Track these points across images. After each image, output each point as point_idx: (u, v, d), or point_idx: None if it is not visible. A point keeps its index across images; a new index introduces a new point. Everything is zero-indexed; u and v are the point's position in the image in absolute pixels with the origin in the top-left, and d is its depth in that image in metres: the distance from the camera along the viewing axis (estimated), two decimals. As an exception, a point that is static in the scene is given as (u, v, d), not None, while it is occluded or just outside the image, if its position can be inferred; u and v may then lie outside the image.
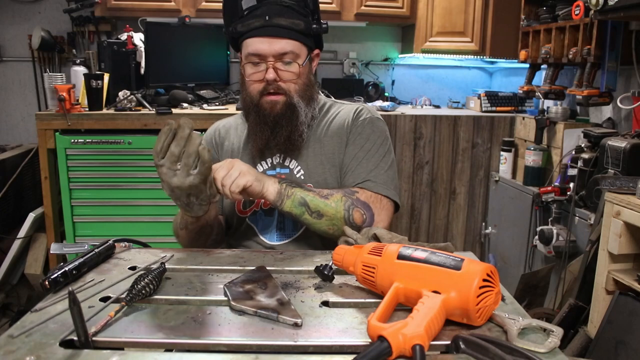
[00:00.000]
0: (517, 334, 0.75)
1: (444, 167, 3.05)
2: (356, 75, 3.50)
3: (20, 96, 3.29)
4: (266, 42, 1.22)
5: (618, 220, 1.74)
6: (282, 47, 1.22)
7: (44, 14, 3.22)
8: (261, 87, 1.25)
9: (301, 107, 1.26)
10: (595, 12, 2.01)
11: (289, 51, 1.23)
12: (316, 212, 1.18)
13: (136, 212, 2.61)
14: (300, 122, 1.26)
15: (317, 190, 1.21)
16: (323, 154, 1.31)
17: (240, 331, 0.77)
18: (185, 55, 3.00)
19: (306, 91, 1.28)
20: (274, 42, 1.22)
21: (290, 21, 1.22)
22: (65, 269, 0.92)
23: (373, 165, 1.27)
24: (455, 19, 3.13)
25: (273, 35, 1.22)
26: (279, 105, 1.25)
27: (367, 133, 1.30)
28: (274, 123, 1.25)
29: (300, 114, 1.26)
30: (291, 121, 1.25)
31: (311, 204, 1.17)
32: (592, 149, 2.24)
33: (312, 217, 1.18)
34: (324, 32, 1.30)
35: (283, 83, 1.24)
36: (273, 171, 1.32)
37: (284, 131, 1.25)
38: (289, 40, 1.23)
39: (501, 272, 2.71)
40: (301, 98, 1.26)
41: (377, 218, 1.22)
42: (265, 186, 1.16)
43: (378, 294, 0.87)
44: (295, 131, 1.26)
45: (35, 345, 0.72)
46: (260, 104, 1.26)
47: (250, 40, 1.24)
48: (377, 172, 1.27)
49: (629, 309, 1.72)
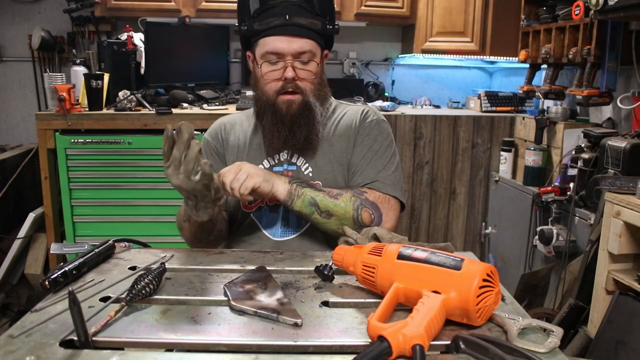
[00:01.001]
0: (517, 334, 0.75)
1: (444, 167, 3.05)
2: (356, 75, 3.50)
3: (20, 96, 3.29)
4: (285, 41, 1.22)
5: (618, 220, 1.74)
6: (301, 46, 1.23)
7: (44, 14, 3.22)
8: (278, 86, 1.25)
9: (317, 107, 1.27)
10: (595, 12, 2.01)
11: (307, 50, 1.24)
12: (326, 212, 1.20)
13: (136, 212, 2.61)
14: (317, 121, 1.28)
15: (327, 190, 1.22)
16: (332, 153, 1.31)
17: (240, 331, 0.77)
18: (185, 55, 3.00)
19: (320, 91, 1.29)
20: (293, 41, 1.22)
21: (309, 21, 1.24)
22: (65, 269, 0.92)
23: (381, 166, 1.29)
24: (455, 19, 3.13)
25: (293, 34, 1.22)
26: (295, 104, 1.25)
27: (374, 134, 1.32)
28: (292, 123, 1.26)
29: (316, 113, 1.27)
30: (308, 120, 1.26)
31: (321, 204, 1.19)
32: (592, 149, 2.24)
33: (322, 217, 1.20)
34: (336, 33, 1.32)
35: (300, 82, 1.25)
36: (280, 167, 1.32)
37: (303, 131, 1.26)
38: (307, 40, 1.24)
39: (501, 272, 2.71)
40: (316, 98, 1.27)
41: (384, 218, 1.24)
42: (275, 186, 1.18)
43: (378, 294, 0.87)
44: (313, 131, 1.27)
45: (35, 345, 0.72)
46: (276, 103, 1.26)
47: (269, 38, 1.24)
48: (384, 172, 1.28)
49: (629, 309, 1.72)
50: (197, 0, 2.97)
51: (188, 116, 2.62)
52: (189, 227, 1.25)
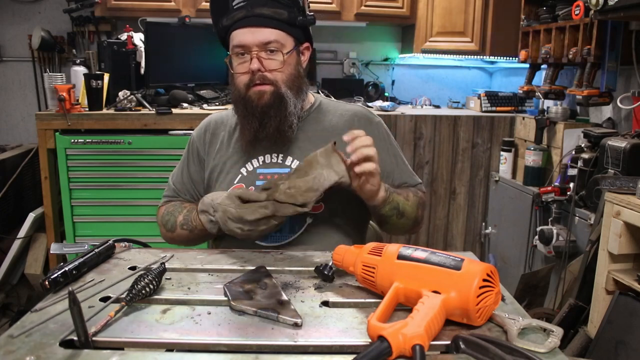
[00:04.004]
0: (517, 334, 0.75)
1: (444, 167, 3.05)
2: (356, 75, 3.50)
3: (20, 96, 3.29)
4: (249, 33, 1.21)
5: (618, 220, 1.74)
6: (266, 36, 1.21)
7: (44, 14, 3.22)
8: (247, 79, 1.23)
9: (289, 97, 1.24)
10: (595, 12, 2.01)
11: (272, 40, 1.22)
12: (402, 213, 1.26)
13: (136, 212, 2.60)
14: (289, 112, 1.24)
15: (401, 192, 1.28)
16: None
17: (240, 331, 0.77)
18: (185, 55, 3.00)
19: (294, 82, 1.26)
20: (257, 31, 1.21)
21: (273, 10, 1.22)
22: (65, 269, 0.92)
23: (406, 167, 1.39)
24: (455, 19, 3.13)
25: (256, 25, 1.21)
26: (266, 95, 1.23)
27: (383, 136, 1.36)
28: (262, 114, 1.23)
29: (288, 104, 1.24)
30: (279, 111, 1.23)
31: (401, 207, 1.25)
32: (592, 149, 2.24)
33: (397, 218, 1.26)
34: (310, 23, 1.29)
35: (269, 73, 1.22)
36: (266, 170, 1.29)
37: (273, 122, 1.23)
38: (272, 30, 1.22)
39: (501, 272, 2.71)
40: (289, 88, 1.24)
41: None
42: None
43: (378, 294, 0.87)
44: (284, 122, 1.24)
45: (35, 345, 0.72)
46: (247, 95, 1.24)
47: (235, 32, 1.24)
48: (412, 173, 1.39)
49: (629, 309, 1.72)
50: (197, 0, 2.97)
51: (188, 116, 2.62)
52: (187, 235, 1.25)
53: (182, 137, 2.54)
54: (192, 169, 1.38)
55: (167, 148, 2.53)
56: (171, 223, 1.29)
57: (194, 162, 1.38)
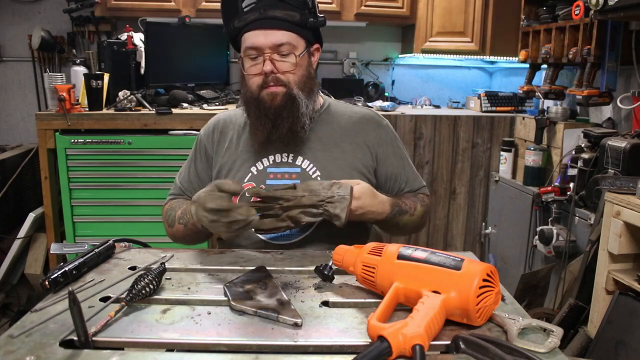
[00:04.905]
0: (517, 334, 0.75)
1: (444, 167, 3.05)
2: (356, 75, 3.50)
3: (20, 96, 3.29)
4: (262, 35, 1.22)
5: (618, 220, 1.74)
6: (279, 38, 1.22)
7: (44, 14, 3.22)
8: (260, 81, 1.24)
9: (301, 99, 1.25)
10: (595, 12, 2.01)
11: (285, 42, 1.22)
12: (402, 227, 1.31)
13: (136, 212, 2.60)
14: (302, 113, 1.26)
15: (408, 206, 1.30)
16: (343, 159, 1.31)
17: (240, 331, 0.77)
18: (185, 55, 3.00)
19: (306, 83, 1.27)
20: (269, 33, 1.22)
21: (285, 13, 1.23)
22: (65, 269, 0.92)
23: (411, 169, 1.40)
24: (455, 19, 3.13)
25: (269, 27, 1.22)
26: (279, 96, 1.24)
27: (391, 138, 1.38)
28: (275, 115, 1.24)
29: (301, 105, 1.25)
30: (292, 112, 1.24)
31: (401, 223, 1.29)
32: (592, 149, 2.24)
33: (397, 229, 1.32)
34: (321, 25, 1.30)
35: (282, 75, 1.23)
36: (277, 169, 1.30)
37: (286, 123, 1.25)
38: (284, 32, 1.23)
39: (501, 272, 2.71)
40: (301, 90, 1.26)
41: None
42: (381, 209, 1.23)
43: (378, 294, 0.87)
44: (297, 123, 1.25)
45: (35, 345, 0.72)
46: (260, 97, 1.25)
47: (247, 34, 1.24)
48: (413, 171, 1.40)
49: (629, 309, 1.72)
50: (197, 0, 2.97)
51: (188, 116, 2.62)
52: (183, 230, 1.25)
53: (182, 137, 2.54)
54: (199, 166, 1.39)
55: (167, 148, 2.53)
56: (172, 218, 1.30)
57: (201, 160, 1.39)
